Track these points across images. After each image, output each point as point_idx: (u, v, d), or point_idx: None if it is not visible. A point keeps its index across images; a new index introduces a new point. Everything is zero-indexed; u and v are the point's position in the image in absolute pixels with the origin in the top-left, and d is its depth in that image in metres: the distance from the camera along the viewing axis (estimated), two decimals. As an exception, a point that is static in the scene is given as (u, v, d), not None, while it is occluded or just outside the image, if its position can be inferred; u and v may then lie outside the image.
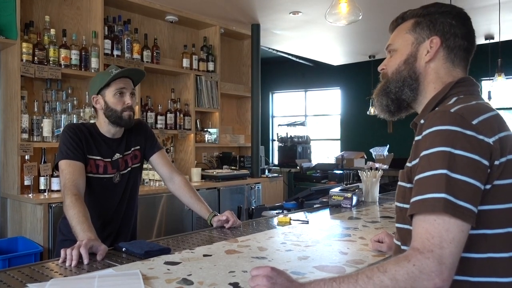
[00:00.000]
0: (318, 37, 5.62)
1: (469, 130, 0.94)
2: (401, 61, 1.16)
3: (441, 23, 1.13)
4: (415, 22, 1.16)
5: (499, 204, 0.97)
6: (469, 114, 0.97)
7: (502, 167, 0.96)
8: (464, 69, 1.15)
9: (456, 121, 0.95)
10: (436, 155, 0.94)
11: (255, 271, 1.03)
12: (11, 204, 3.24)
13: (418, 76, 1.14)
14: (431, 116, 1.00)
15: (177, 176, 2.09)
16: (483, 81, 6.85)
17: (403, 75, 1.15)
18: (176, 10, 4.25)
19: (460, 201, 0.90)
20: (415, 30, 1.15)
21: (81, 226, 1.57)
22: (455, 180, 0.91)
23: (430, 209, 0.91)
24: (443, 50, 1.13)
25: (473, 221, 0.91)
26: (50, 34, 3.32)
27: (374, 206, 2.57)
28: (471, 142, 0.93)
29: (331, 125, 8.71)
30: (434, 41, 1.12)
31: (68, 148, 1.82)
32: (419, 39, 1.14)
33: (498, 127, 0.98)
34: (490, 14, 4.54)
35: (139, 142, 2.06)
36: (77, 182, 1.76)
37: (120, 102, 1.89)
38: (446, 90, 1.10)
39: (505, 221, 0.97)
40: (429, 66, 1.13)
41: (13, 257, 2.68)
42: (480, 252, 0.97)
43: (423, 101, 1.15)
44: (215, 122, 4.67)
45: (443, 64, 1.13)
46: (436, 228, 0.90)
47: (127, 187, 2.00)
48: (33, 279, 1.23)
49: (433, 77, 1.13)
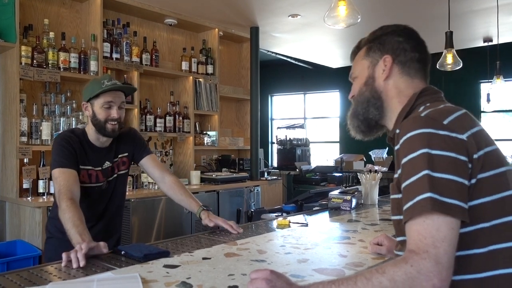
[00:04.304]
0: (317, 40, 5.63)
1: (442, 130, 0.99)
2: (362, 84, 1.25)
3: (389, 42, 1.22)
4: (367, 48, 1.25)
5: (488, 196, 0.99)
6: (439, 115, 1.02)
7: (481, 160, 0.99)
8: (423, 79, 1.21)
9: (428, 123, 1.00)
10: (416, 159, 0.97)
11: (255, 274, 1.03)
12: (9, 208, 3.23)
13: (380, 95, 1.22)
14: (404, 123, 1.05)
15: (168, 176, 2.13)
16: (481, 84, 6.87)
17: (366, 96, 1.23)
18: (175, 13, 4.25)
19: (446, 198, 0.92)
20: (368, 54, 1.25)
21: (76, 229, 1.58)
22: (438, 179, 0.94)
23: (420, 211, 0.93)
24: (396, 66, 1.20)
25: (463, 217, 0.93)
26: (49, 37, 3.32)
27: (373, 209, 2.57)
28: (446, 141, 0.98)
29: (330, 127, 8.71)
30: (387, 59, 1.20)
31: (62, 156, 1.85)
32: (373, 61, 1.23)
33: (469, 123, 1.03)
34: (489, 16, 4.55)
35: (127, 149, 2.10)
36: (71, 188, 1.78)
37: (106, 114, 1.92)
38: (412, 102, 1.16)
39: (499, 212, 1.00)
40: (388, 83, 1.21)
41: (11, 261, 2.67)
42: (481, 246, 0.98)
43: (392, 117, 1.21)
44: (214, 125, 4.67)
45: (400, 78, 1.20)
46: (427, 228, 0.92)
47: (114, 193, 2.06)
48: (31, 283, 1.23)
49: (394, 93, 1.20)
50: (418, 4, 4.25)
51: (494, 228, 0.99)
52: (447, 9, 3.72)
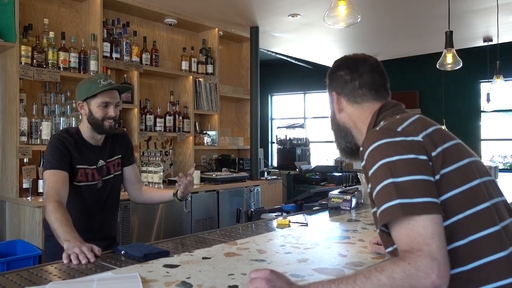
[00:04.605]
0: (317, 40, 5.63)
1: (397, 136, 1.05)
2: (330, 118, 1.39)
3: (333, 79, 1.33)
4: (326, 85, 1.38)
5: (456, 189, 1.03)
6: (393, 125, 1.10)
7: (441, 157, 1.04)
8: (375, 99, 1.28)
9: (383, 134, 1.07)
10: (378, 170, 1.03)
11: (254, 274, 1.03)
12: (9, 207, 3.23)
13: (343, 125, 1.34)
14: (364, 140, 1.13)
15: (142, 185, 2.29)
16: (481, 84, 6.87)
17: (335, 129, 1.38)
18: (175, 13, 4.25)
19: (415, 198, 0.95)
20: (327, 91, 1.37)
21: (64, 228, 1.61)
22: (402, 183, 0.98)
23: (389, 217, 0.97)
24: (344, 99, 1.31)
25: (438, 211, 0.96)
26: (49, 37, 3.32)
27: (373, 209, 2.57)
28: (403, 145, 1.03)
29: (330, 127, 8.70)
30: (334, 96, 1.33)
31: (54, 158, 1.89)
32: (330, 98, 1.36)
33: (423, 126, 1.09)
34: (489, 16, 4.55)
35: (121, 151, 2.16)
36: (59, 191, 1.81)
37: (103, 113, 1.97)
38: (374, 120, 1.24)
39: (471, 202, 1.03)
40: (343, 115, 1.32)
41: (11, 261, 2.67)
42: (461, 238, 1.01)
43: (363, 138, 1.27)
44: (214, 125, 4.67)
45: (351, 107, 1.30)
46: (413, 229, 0.94)
47: (110, 193, 2.09)
48: (31, 283, 1.23)
49: (352, 122, 1.31)
50: (418, 4, 4.25)
51: (469, 218, 1.02)
52: (447, 8, 3.72)
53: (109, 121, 1.97)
